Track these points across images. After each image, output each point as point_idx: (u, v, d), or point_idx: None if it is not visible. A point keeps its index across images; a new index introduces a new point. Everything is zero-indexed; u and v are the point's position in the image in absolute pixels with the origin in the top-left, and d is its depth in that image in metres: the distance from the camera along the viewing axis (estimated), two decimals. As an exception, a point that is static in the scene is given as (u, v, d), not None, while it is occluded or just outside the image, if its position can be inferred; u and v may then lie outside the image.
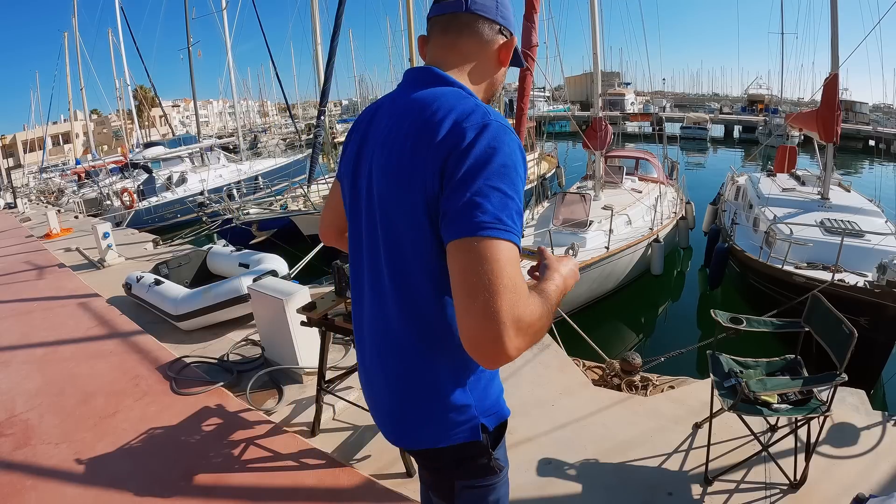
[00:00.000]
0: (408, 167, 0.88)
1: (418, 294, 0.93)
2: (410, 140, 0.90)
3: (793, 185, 8.52)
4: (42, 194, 18.95)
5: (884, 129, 25.34)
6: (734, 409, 2.10)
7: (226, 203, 9.64)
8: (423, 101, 0.93)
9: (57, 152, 35.71)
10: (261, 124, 45.48)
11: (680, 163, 12.87)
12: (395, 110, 0.98)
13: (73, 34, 25.91)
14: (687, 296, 8.42)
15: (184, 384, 3.33)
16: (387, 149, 0.94)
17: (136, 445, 2.73)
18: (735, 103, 44.60)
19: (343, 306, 2.43)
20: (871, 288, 4.56)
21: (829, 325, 2.25)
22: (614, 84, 46.41)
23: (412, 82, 1.01)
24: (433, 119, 0.88)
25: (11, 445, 2.82)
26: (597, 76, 9.73)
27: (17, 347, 4.25)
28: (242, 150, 19.48)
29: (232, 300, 4.17)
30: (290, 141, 30.72)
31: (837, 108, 7.15)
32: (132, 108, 26.81)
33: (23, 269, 7.10)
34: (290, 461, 2.50)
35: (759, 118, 31.13)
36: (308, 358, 3.27)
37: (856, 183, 10.60)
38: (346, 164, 1.08)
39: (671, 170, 11.66)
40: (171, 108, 46.63)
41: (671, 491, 2.19)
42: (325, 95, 9.44)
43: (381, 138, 0.97)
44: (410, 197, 0.88)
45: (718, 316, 2.49)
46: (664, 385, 3.04)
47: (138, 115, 30.25)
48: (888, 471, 2.22)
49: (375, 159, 0.97)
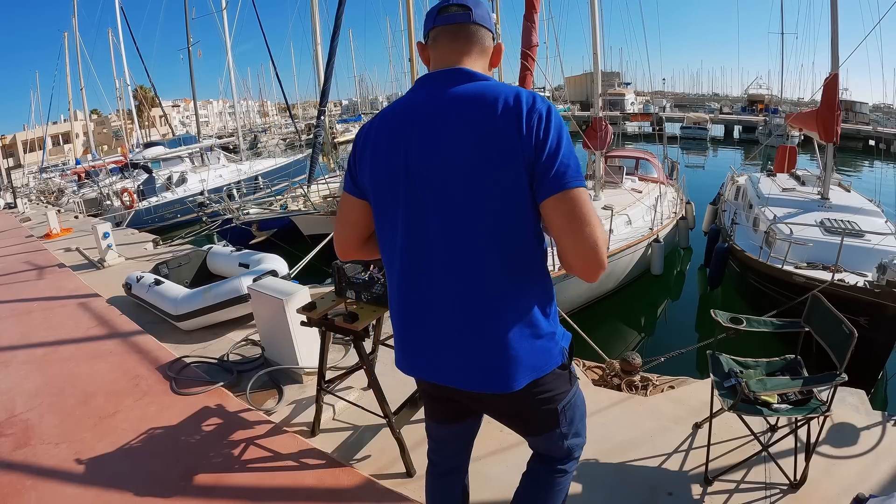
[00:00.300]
0: (495, 145, 1.06)
1: (513, 243, 1.12)
2: (477, 119, 1.08)
3: (793, 185, 8.52)
4: (42, 194, 18.95)
5: (884, 129, 25.34)
6: (734, 409, 2.10)
7: (226, 203, 9.63)
8: (477, 92, 1.12)
9: (57, 152, 35.73)
10: (261, 124, 45.52)
11: (680, 163, 12.86)
12: (438, 107, 1.14)
13: (73, 34, 25.93)
14: (687, 296, 8.42)
15: (184, 384, 3.33)
16: (454, 138, 1.10)
17: (136, 445, 2.73)
18: (735, 103, 44.59)
19: (343, 306, 2.43)
20: (871, 288, 4.56)
21: (829, 325, 2.24)
22: (614, 84, 46.43)
23: (443, 82, 1.16)
24: (499, 97, 1.08)
25: (11, 445, 2.82)
26: (597, 76, 9.73)
27: (17, 347, 4.25)
28: (242, 150, 19.49)
29: (232, 300, 4.17)
30: (290, 141, 30.74)
31: (837, 108, 7.15)
32: (132, 108, 26.80)
33: (23, 269, 7.10)
34: (290, 461, 2.50)
35: (759, 118, 31.12)
36: (308, 358, 3.27)
37: (856, 183, 10.60)
38: (382, 167, 1.19)
39: (671, 170, 11.65)
40: (171, 108, 46.67)
41: (671, 491, 2.19)
42: (325, 95, 9.44)
43: (437, 133, 1.12)
44: (506, 166, 1.06)
45: (718, 316, 2.49)
46: (664, 385, 3.04)
47: (138, 115, 30.25)
48: (888, 471, 2.22)
49: (441, 150, 1.11)
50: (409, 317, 1.25)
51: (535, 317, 1.17)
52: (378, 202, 1.23)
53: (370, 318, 2.34)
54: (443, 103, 1.13)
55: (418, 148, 1.13)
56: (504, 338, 1.15)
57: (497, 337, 1.15)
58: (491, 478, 2.24)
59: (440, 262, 1.15)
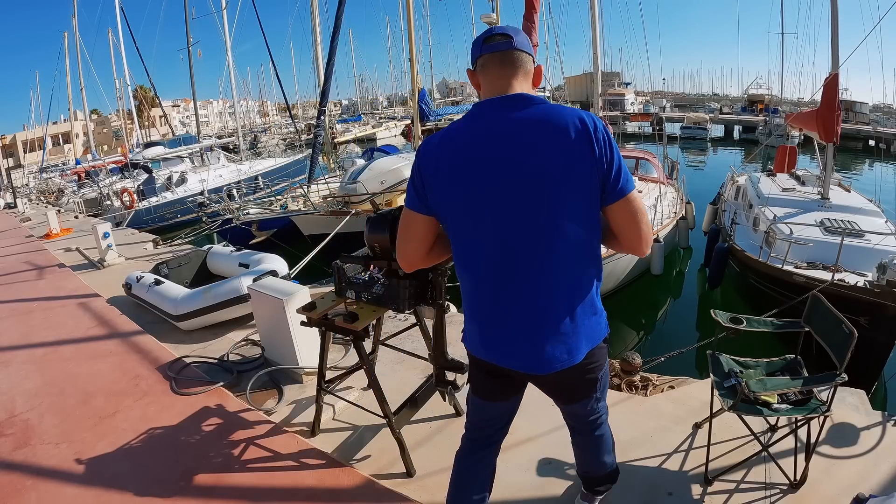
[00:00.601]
0: (576, 163, 1.27)
1: (584, 240, 1.35)
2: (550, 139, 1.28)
3: (793, 185, 8.51)
4: (42, 194, 18.96)
5: (884, 129, 25.32)
6: (734, 409, 2.10)
7: (226, 203, 9.62)
8: (545, 115, 1.31)
9: (57, 152, 35.73)
10: (261, 124, 45.50)
11: (680, 163, 12.86)
12: (512, 130, 1.31)
13: (73, 34, 25.99)
14: (687, 296, 8.41)
15: (184, 384, 3.33)
16: (533, 156, 1.29)
17: (136, 445, 2.73)
18: (735, 103, 44.56)
19: (343, 306, 2.42)
20: (871, 288, 4.56)
21: (829, 325, 2.24)
22: (614, 84, 46.39)
23: (506, 106, 1.34)
24: (567, 120, 1.29)
25: (11, 445, 2.82)
26: (597, 76, 9.74)
27: (17, 347, 4.25)
28: (242, 150, 19.50)
29: (232, 300, 4.17)
30: (290, 141, 30.71)
31: (837, 108, 7.14)
32: (132, 108, 26.86)
33: (23, 269, 7.10)
34: (290, 461, 2.50)
35: (759, 118, 31.09)
36: (308, 358, 3.27)
37: (856, 183, 10.60)
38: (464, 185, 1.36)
39: (671, 170, 11.65)
40: (171, 108, 46.66)
41: (671, 491, 2.19)
42: (325, 95, 9.45)
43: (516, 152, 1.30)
44: (585, 179, 1.29)
45: (718, 316, 2.49)
46: (664, 385, 3.03)
47: (138, 115, 30.27)
48: (888, 471, 2.22)
49: (523, 167, 1.29)
50: (492, 317, 1.44)
51: (593, 297, 1.43)
52: (459, 217, 1.39)
53: (370, 318, 2.33)
54: (515, 126, 1.31)
55: (501, 166, 1.31)
56: (577, 324, 1.40)
57: (572, 325, 1.39)
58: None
59: (525, 265, 1.35)
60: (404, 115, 39.83)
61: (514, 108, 1.33)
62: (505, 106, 1.34)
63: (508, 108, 1.33)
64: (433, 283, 2.25)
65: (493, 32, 1.40)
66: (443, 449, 2.53)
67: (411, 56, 11.35)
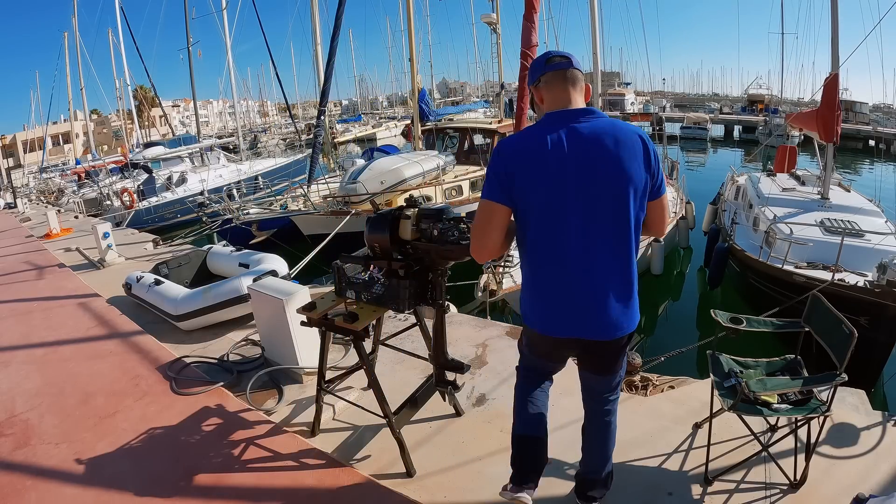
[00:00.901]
0: (636, 169, 1.59)
1: (636, 232, 1.67)
2: (620, 148, 1.58)
3: (793, 184, 8.52)
4: (42, 194, 18.93)
5: (884, 129, 25.33)
6: (734, 409, 2.09)
7: (226, 203, 9.61)
8: (610, 125, 1.61)
9: (57, 152, 35.70)
10: (261, 124, 45.48)
11: (680, 163, 12.87)
12: (587, 134, 1.59)
13: (73, 34, 25.95)
14: (687, 296, 8.41)
15: (184, 384, 3.33)
16: (607, 160, 1.57)
17: (136, 445, 2.73)
18: (735, 103, 44.59)
19: (343, 306, 2.42)
20: (871, 288, 4.56)
21: (829, 324, 2.24)
22: (614, 84, 46.37)
23: (578, 118, 1.61)
24: (632, 135, 1.61)
25: (11, 445, 2.82)
26: (597, 76, 9.74)
27: (17, 347, 4.25)
28: (242, 150, 19.48)
29: (232, 300, 4.16)
30: (290, 141, 30.72)
31: (837, 108, 7.15)
32: (132, 108, 26.83)
33: (23, 269, 7.10)
34: (290, 461, 2.50)
35: (759, 118, 31.11)
36: (308, 358, 3.27)
37: (856, 183, 10.60)
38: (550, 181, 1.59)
39: (671, 170, 11.66)
40: (171, 108, 46.63)
41: (671, 491, 2.19)
42: (325, 95, 9.45)
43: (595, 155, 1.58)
44: (641, 182, 1.61)
45: (718, 316, 2.49)
46: (664, 385, 3.03)
47: (138, 115, 30.25)
48: (888, 471, 2.22)
49: (600, 168, 1.57)
50: (572, 293, 1.67)
51: (635, 279, 1.70)
52: (542, 207, 1.61)
53: (370, 318, 2.33)
54: (591, 134, 1.58)
55: (582, 166, 1.57)
56: (633, 300, 1.70)
57: (631, 301, 1.69)
58: (491, 478, 2.24)
59: (602, 250, 1.62)
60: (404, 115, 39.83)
61: (584, 119, 1.61)
62: (577, 116, 1.62)
63: (579, 118, 1.61)
64: (433, 283, 2.25)
65: (553, 55, 1.69)
66: (443, 449, 2.53)
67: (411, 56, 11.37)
